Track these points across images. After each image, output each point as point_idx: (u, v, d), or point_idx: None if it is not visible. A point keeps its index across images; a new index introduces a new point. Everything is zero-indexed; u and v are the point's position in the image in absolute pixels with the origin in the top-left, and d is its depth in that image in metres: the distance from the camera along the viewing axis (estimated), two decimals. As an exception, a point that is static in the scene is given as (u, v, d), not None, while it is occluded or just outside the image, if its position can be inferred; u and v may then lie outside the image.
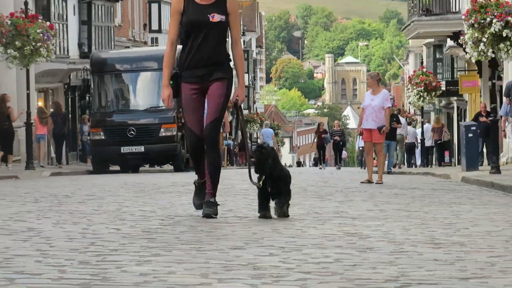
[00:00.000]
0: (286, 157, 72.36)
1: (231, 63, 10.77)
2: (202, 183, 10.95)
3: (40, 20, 32.11)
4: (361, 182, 21.44)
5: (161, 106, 37.48)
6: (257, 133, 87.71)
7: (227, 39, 10.40)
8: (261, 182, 10.17)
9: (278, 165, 10.24)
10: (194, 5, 9.41)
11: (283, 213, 10.38)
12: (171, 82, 9.87)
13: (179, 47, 10.95)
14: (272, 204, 10.68)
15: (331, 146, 63.88)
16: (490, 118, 26.96)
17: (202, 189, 10.98)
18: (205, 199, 10.48)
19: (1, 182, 22.86)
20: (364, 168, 25.71)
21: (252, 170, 10.77)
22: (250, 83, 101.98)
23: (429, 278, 6.01)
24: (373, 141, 22.57)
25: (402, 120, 42.87)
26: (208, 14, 9.43)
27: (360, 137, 24.81)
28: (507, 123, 27.93)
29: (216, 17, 9.42)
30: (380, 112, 22.46)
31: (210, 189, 10.38)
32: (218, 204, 10.57)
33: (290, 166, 78.03)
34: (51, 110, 44.60)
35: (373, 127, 22.43)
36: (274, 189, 10.01)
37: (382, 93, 23.32)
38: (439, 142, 49.90)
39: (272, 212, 11.00)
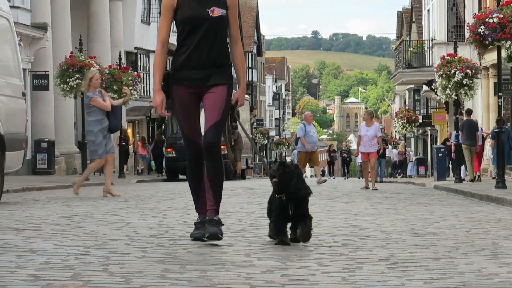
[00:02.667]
0: (307, 169, 72.43)
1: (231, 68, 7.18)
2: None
3: (130, 71, 32.17)
4: (361, 189, 21.46)
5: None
6: (285, 153, 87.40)
7: (227, 38, 7.04)
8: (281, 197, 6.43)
9: (304, 186, 6.44)
10: None
11: (308, 237, 6.52)
12: (162, 83, 6.77)
13: None
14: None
15: (339, 161, 64.30)
16: (454, 143, 27.08)
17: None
18: (208, 216, 6.70)
19: (100, 187, 22.82)
20: (362, 178, 25.99)
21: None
22: (280, 116, 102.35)
23: (411, 258, 6.00)
24: (371, 160, 22.64)
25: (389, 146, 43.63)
26: (207, 8, 6.50)
27: (358, 156, 25.26)
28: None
29: (217, 11, 6.53)
30: (373, 139, 22.63)
31: (213, 205, 6.68)
32: (223, 224, 6.75)
33: (311, 176, 77.65)
34: (155, 138, 46.79)
35: (368, 151, 22.64)
36: (296, 213, 6.37)
37: (374, 126, 23.46)
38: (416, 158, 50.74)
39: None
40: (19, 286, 4.50)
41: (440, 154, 30.38)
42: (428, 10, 45.31)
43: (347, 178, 49.37)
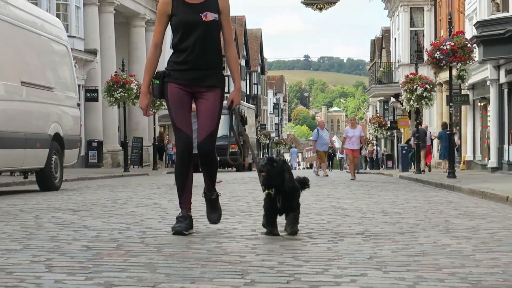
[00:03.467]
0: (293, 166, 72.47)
1: (224, 71, 6.19)
2: (184, 217, 5.73)
3: None
4: (351, 179, 20.99)
5: (229, 135, 30.59)
6: (283, 150, 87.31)
7: (220, 41, 5.96)
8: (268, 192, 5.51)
9: (290, 180, 5.52)
10: (185, 5, 5.57)
11: (294, 232, 5.57)
12: (157, 82, 5.72)
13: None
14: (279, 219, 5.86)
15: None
16: (416, 142, 27.11)
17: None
18: (205, 191, 5.99)
19: (138, 177, 22.84)
20: (345, 169, 25.90)
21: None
22: (279, 122, 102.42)
23: (381, 232, 5.98)
24: (354, 156, 22.62)
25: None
26: (200, 13, 5.58)
27: (343, 153, 25.43)
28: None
29: (209, 16, 5.62)
30: (358, 139, 22.65)
31: (209, 183, 5.93)
32: (220, 194, 6.08)
33: (303, 168, 77.35)
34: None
35: (354, 148, 22.62)
36: (284, 205, 5.48)
37: (358, 128, 23.54)
38: (385, 154, 50.80)
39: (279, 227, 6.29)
40: (75, 254, 4.51)
41: (403, 151, 30.37)
42: (395, 39, 45.17)
43: (331, 170, 49.16)
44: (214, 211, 5.92)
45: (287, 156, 78.14)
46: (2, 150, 11.19)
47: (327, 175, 24.75)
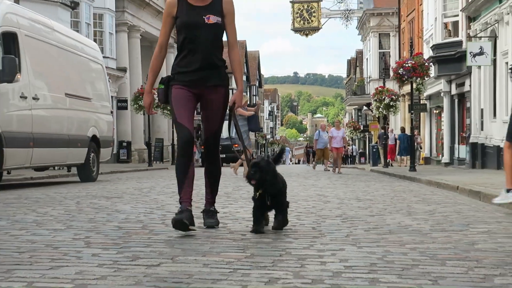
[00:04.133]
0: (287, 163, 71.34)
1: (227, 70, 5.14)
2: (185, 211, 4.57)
3: None
4: (338, 172, 20.34)
5: (233, 137, 29.57)
6: (276, 149, 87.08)
7: (223, 44, 5.00)
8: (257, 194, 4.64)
9: (277, 179, 4.69)
10: (189, 7, 4.82)
11: (280, 227, 4.78)
12: (161, 86, 4.91)
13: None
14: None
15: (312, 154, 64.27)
16: (383, 143, 27.07)
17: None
18: (205, 207, 5.03)
19: (160, 171, 22.81)
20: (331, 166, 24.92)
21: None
22: (273, 126, 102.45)
23: (356, 215, 5.96)
24: (338, 152, 22.16)
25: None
26: (203, 16, 4.83)
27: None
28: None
29: (212, 19, 4.87)
30: (341, 139, 22.31)
31: (210, 198, 5.00)
32: (218, 212, 5.06)
33: (294, 163, 76.95)
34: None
35: (339, 146, 22.15)
36: (273, 203, 4.73)
37: (342, 130, 23.40)
38: (360, 151, 50.83)
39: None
40: (108, 233, 4.52)
41: (374, 149, 30.37)
42: (367, 58, 45.22)
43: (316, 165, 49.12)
44: (211, 218, 4.84)
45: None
46: (50, 148, 11.23)
47: (329, 170, 22.80)
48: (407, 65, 19.54)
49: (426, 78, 20.90)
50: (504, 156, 6.58)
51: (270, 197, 4.53)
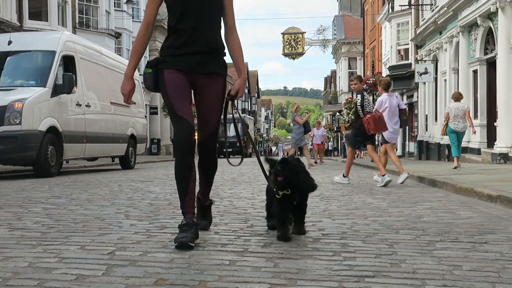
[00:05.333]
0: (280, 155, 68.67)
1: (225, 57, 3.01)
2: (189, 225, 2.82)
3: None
4: (321, 163, 19.61)
5: (229, 136, 22.40)
6: (269, 145, 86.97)
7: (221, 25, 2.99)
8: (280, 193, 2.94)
9: (311, 177, 3.13)
10: None
11: (301, 233, 3.15)
12: (149, 70, 2.87)
13: None
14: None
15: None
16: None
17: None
18: (199, 202, 3.29)
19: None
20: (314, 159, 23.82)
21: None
22: (268, 127, 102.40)
23: (331, 195, 5.91)
24: (319, 148, 21.21)
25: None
26: None
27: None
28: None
29: None
30: (321, 137, 21.32)
31: (205, 192, 3.27)
32: (214, 202, 3.45)
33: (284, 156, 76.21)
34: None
35: (319, 142, 20.95)
36: (299, 203, 3.05)
37: (322, 129, 22.49)
38: (333, 147, 50.74)
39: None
40: (143, 208, 4.47)
41: (344, 146, 30.29)
42: (339, 76, 45.16)
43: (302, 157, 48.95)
44: (204, 218, 3.33)
45: (275, 149, 77.93)
46: (99, 144, 11.23)
47: (323, 162, 20.96)
48: (369, 81, 19.56)
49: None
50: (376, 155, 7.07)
51: (299, 196, 3.07)
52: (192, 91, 2.99)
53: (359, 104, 7.86)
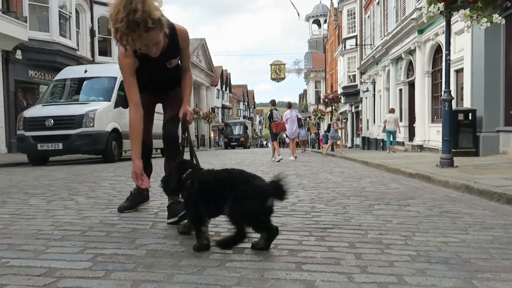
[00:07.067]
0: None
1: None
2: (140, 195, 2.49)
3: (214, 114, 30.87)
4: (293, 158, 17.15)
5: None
6: (264, 141, 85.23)
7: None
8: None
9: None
10: (149, 59, 1.98)
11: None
12: (121, 93, 2.00)
13: None
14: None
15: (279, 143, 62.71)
16: (317, 137, 26.80)
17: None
18: (172, 200, 2.36)
19: (201, 152, 22.46)
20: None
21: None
22: (261, 127, 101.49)
23: (303, 173, 5.84)
24: (295, 141, 19.80)
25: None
26: (166, 63, 2.09)
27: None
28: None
29: (173, 62, 2.13)
30: (295, 131, 19.53)
31: None
32: None
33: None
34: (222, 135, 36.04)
35: (293, 137, 18.90)
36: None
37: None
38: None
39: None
40: (156, 193, 4.43)
41: (313, 141, 30.08)
42: (309, 94, 45.00)
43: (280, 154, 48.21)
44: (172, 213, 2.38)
45: (270, 145, 76.14)
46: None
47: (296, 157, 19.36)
48: (329, 97, 19.49)
49: (339, 103, 20.81)
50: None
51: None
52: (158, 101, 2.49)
53: (269, 116, 9.86)
